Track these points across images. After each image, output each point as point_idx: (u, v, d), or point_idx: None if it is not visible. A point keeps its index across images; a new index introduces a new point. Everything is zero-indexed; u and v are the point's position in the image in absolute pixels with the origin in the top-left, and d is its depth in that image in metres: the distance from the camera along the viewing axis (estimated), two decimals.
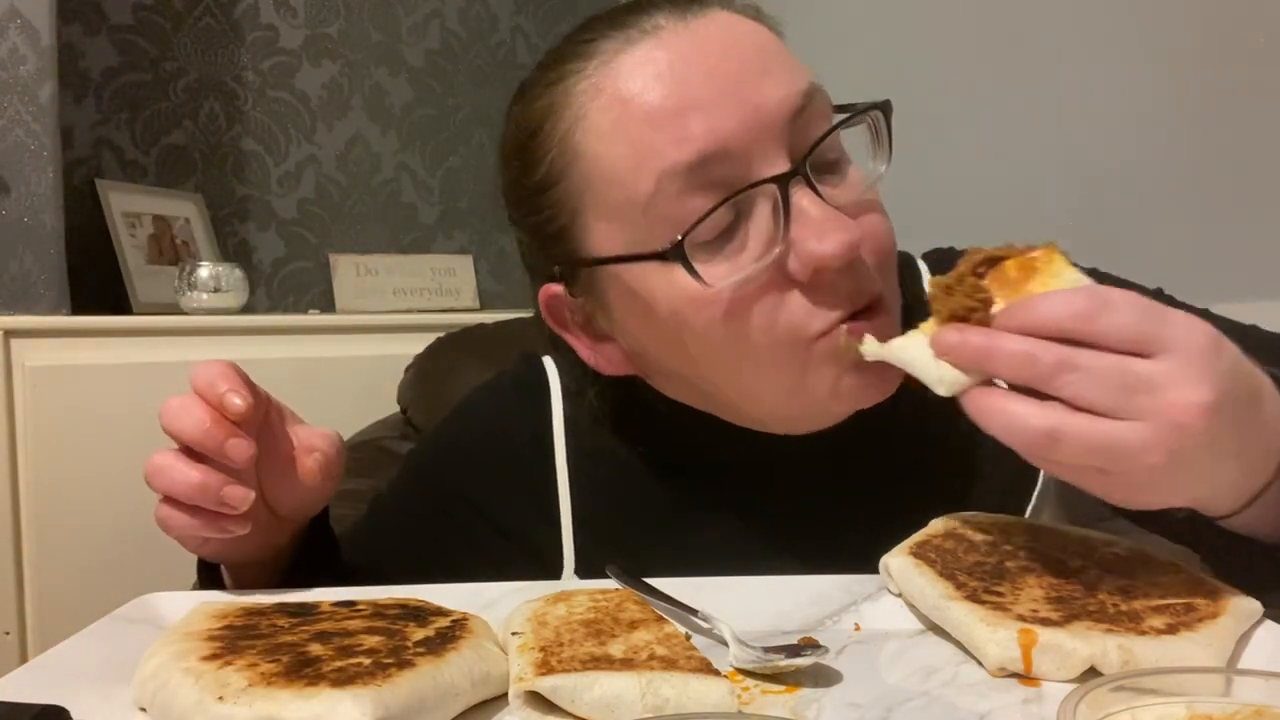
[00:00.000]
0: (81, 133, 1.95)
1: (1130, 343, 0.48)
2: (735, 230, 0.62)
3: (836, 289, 0.62)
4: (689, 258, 0.61)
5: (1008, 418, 0.49)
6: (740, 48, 0.63)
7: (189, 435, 0.63)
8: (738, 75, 0.62)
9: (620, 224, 0.64)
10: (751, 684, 0.52)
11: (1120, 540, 0.63)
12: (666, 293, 0.64)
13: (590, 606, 0.57)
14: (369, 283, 2.23)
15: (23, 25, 1.62)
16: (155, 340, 1.67)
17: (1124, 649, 0.50)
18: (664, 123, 0.61)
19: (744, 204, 0.62)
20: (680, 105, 0.61)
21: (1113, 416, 0.47)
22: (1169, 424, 0.47)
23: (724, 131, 0.60)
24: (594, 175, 0.64)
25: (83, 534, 1.58)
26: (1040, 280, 0.52)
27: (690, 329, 0.64)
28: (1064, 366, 0.47)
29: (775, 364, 0.64)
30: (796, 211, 0.61)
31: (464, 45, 2.43)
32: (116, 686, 0.50)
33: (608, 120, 0.63)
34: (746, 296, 0.62)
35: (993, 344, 0.49)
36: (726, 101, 0.61)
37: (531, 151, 0.68)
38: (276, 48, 2.18)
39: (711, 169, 0.61)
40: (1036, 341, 0.48)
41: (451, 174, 2.42)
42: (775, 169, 0.61)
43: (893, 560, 0.63)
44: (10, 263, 1.63)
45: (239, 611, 0.56)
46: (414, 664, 0.48)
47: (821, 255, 0.60)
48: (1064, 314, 0.48)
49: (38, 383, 1.55)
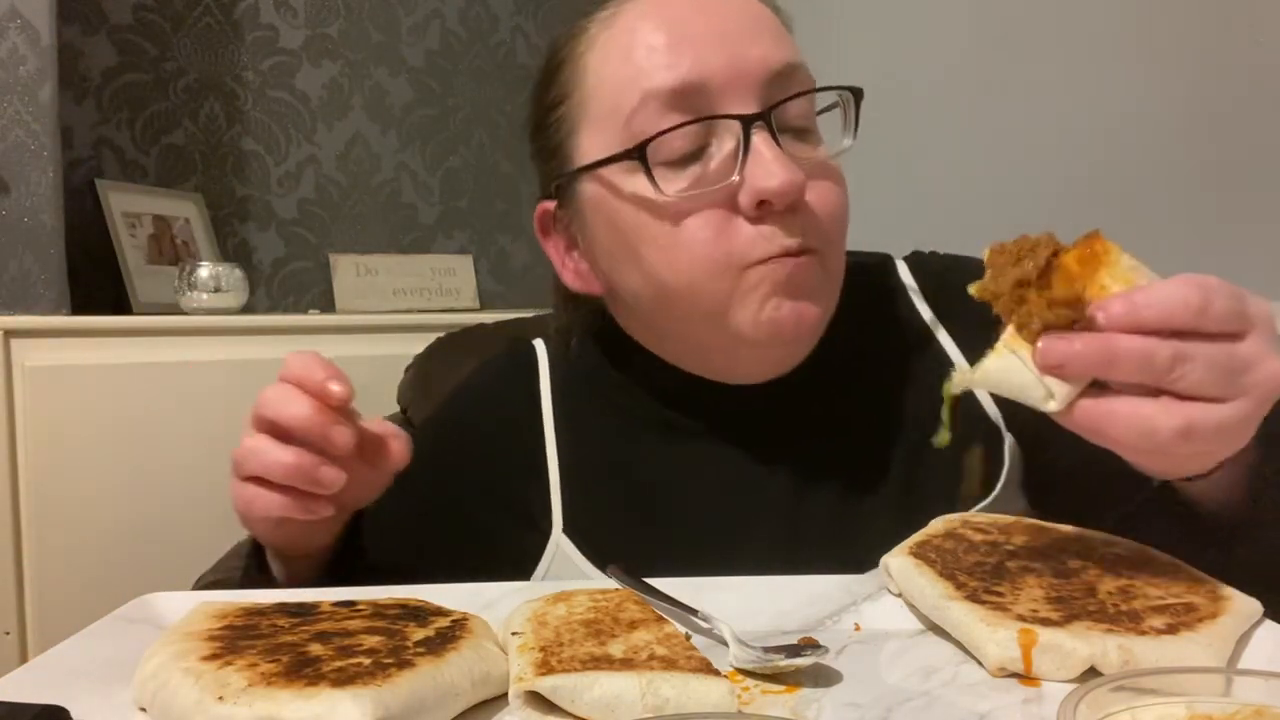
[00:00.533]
0: (81, 133, 1.95)
1: (1230, 327, 0.50)
2: (699, 156, 0.70)
3: (777, 229, 0.69)
4: (650, 163, 0.69)
5: (1138, 423, 0.50)
6: (740, 13, 0.72)
7: (294, 421, 0.64)
8: (732, 32, 0.71)
9: (605, 134, 0.72)
10: (751, 684, 0.52)
11: (1120, 540, 0.63)
12: (630, 199, 0.72)
13: (590, 606, 0.57)
14: (369, 283, 2.23)
15: (23, 25, 1.62)
16: (155, 340, 1.67)
17: (1124, 649, 0.50)
18: (658, 52, 0.70)
19: (711, 135, 0.70)
20: (675, 41, 0.70)
21: (1220, 399, 0.50)
22: (1264, 396, 0.51)
23: (707, 69, 0.69)
24: (593, 90, 0.73)
25: (83, 534, 1.58)
26: (1108, 272, 0.51)
27: (644, 236, 0.72)
28: (1179, 360, 0.49)
29: (709, 281, 0.70)
30: (754, 150, 0.68)
31: (464, 45, 2.43)
32: (116, 686, 0.50)
33: (614, 45, 0.73)
34: (695, 211, 0.70)
35: (1111, 348, 0.49)
36: (716, 47, 0.70)
37: (550, 74, 0.78)
38: (276, 48, 2.18)
39: (690, 97, 0.69)
40: (1150, 340, 0.49)
41: (451, 174, 2.42)
42: (745, 110, 0.69)
43: (893, 560, 0.63)
44: (10, 263, 1.63)
45: (239, 611, 0.56)
46: (414, 664, 0.48)
47: (764, 189, 0.67)
48: (1176, 309, 0.49)
49: (38, 383, 1.55)
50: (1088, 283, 0.51)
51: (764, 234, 0.69)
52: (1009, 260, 0.53)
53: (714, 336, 0.74)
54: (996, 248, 0.54)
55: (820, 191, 0.71)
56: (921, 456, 0.77)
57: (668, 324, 0.76)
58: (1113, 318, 0.50)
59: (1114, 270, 0.51)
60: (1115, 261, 0.52)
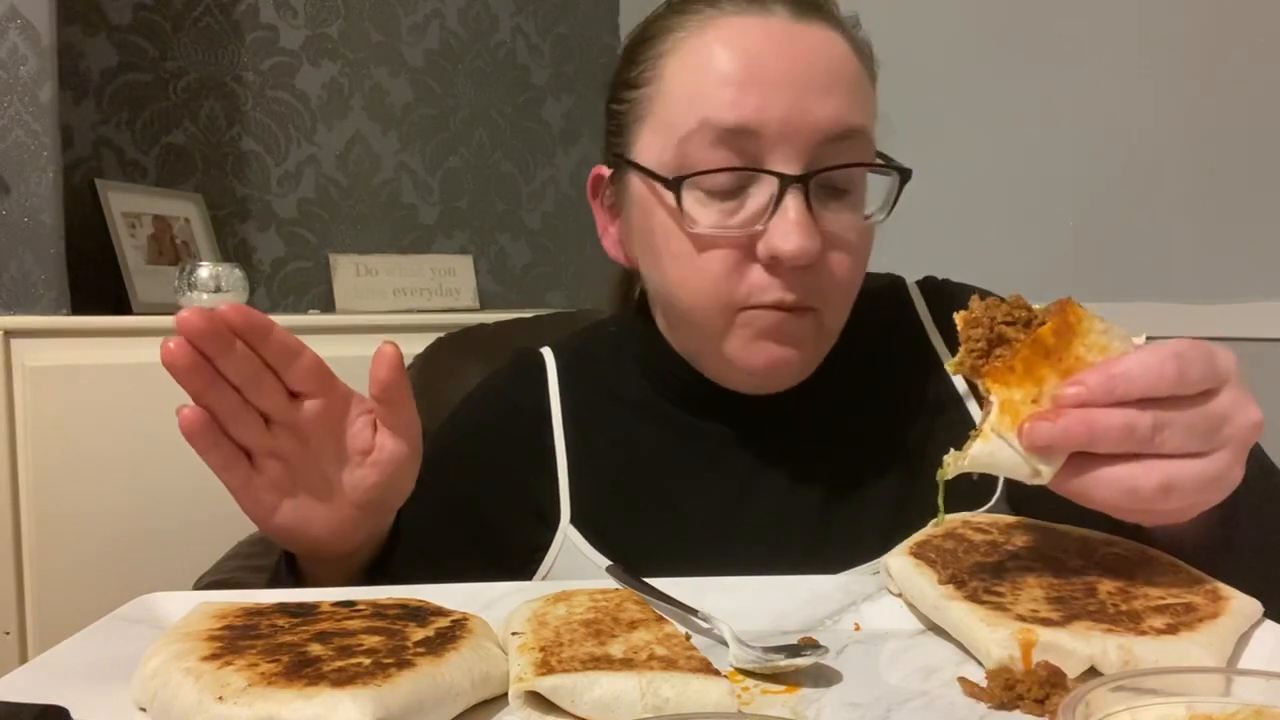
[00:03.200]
0: (81, 133, 1.95)
1: (1205, 386, 0.52)
2: (735, 196, 0.72)
3: (782, 283, 0.72)
4: (683, 192, 0.72)
5: (1120, 483, 0.52)
6: (821, 65, 0.72)
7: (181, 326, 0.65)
8: (806, 83, 0.71)
9: (660, 142, 0.75)
10: (751, 684, 0.52)
11: (1120, 540, 0.63)
12: (664, 212, 0.75)
13: (590, 606, 0.57)
14: (369, 283, 2.23)
15: (23, 25, 1.62)
16: (155, 340, 1.64)
17: (1124, 649, 0.50)
18: (729, 85, 0.71)
19: (752, 181, 0.72)
20: (747, 79, 0.71)
21: (1201, 454, 0.52)
22: (1242, 444, 0.53)
23: (766, 117, 0.70)
24: (663, 95, 0.75)
25: (83, 534, 1.58)
26: (1081, 341, 0.53)
27: (667, 248, 0.75)
28: (1159, 427, 0.51)
29: (710, 310, 0.74)
30: (782, 209, 0.70)
31: (464, 45, 2.43)
32: (116, 686, 0.50)
33: (691, 59, 0.74)
34: (714, 245, 0.73)
35: (1094, 425, 0.51)
36: (782, 96, 0.70)
37: (635, 53, 0.80)
38: (276, 48, 2.18)
39: (742, 139, 0.71)
40: (1131, 411, 0.51)
41: (451, 174, 2.42)
42: (786, 168, 0.71)
43: (893, 560, 0.63)
44: (10, 263, 1.63)
45: (239, 611, 0.56)
46: (414, 664, 0.48)
47: (778, 249, 0.70)
48: (1153, 382, 0.51)
49: (38, 383, 1.55)
50: (1063, 354, 0.53)
51: (769, 284, 0.72)
52: (984, 331, 0.54)
53: (709, 353, 0.78)
54: (969, 319, 0.55)
55: (837, 258, 0.74)
56: (918, 471, 0.79)
57: (675, 325, 0.81)
58: (1093, 392, 0.51)
59: (1086, 339, 0.53)
60: (1088, 330, 0.53)
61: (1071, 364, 0.53)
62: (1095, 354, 0.53)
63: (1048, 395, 0.52)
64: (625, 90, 0.80)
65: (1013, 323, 0.54)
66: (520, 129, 2.52)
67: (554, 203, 2.59)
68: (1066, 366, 0.53)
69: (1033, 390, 0.53)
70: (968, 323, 0.55)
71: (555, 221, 2.59)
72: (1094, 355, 0.53)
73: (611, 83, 0.83)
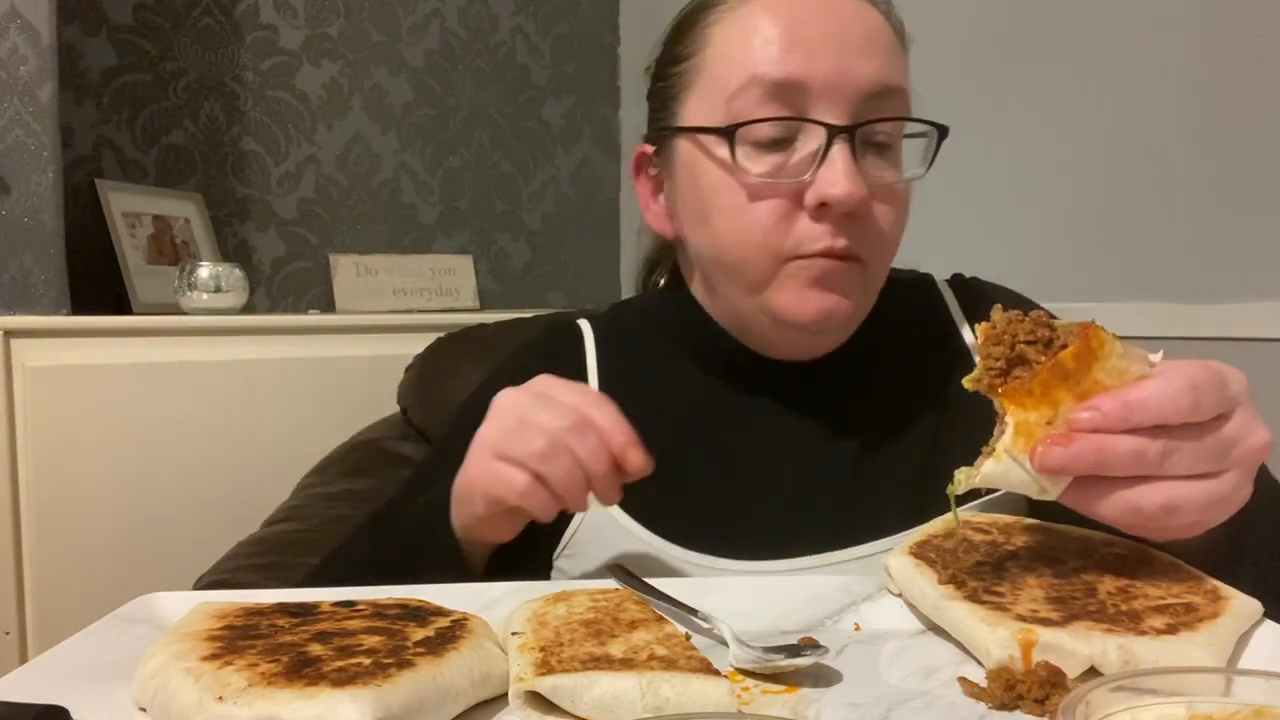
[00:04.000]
0: (81, 133, 1.95)
1: (1216, 412, 0.54)
2: (784, 147, 0.76)
3: (830, 230, 0.75)
4: (736, 142, 0.75)
5: (1124, 502, 0.53)
6: (860, 29, 0.77)
7: (592, 467, 0.66)
8: (845, 43, 0.75)
9: (708, 104, 0.78)
10: (751, 684, 0.52)
11: (1120, 540, 0.63)
12: (714, 168, 0.78)
13: (590, 606, 0.57)
14: (369, 283, 2.23)
15: (23, 25, 1.62)
16: (155, 340, 1.67)
17: (1124, 649, 0.50)
18: (773, 45, 0.75)
19: (800, 132, 0.75)
20: (790, 40, 0.75)
21: (1209, 476, 0.53)
22: (1251, 466, 0.55)
23: (812, 72, 0.74)
24: (709, 61, 0.79)
25: (83, 534, 1.58)
26: (1100, 366, 0.53)
27: (718, 203, 0.78)
28: (1168, 452, 0.52)
29: (757, 260, 0.77)
30: (830, 158, 0.74)
31: (464, 45, 2.43)
32: (116, 686, 0.50)
33: (736, 27, 0.78)
34: (766, 196, 0.76)
35: (1105, 451, 0.52)
36: (826, 54, 0.74)
37: (679, 31, 0.84)
38: (276, 48, 2.18)
39: (789, 93, 0.74)
40: (1142, 439, 0.52)
41: (451, 174, 2.42)
42: (832, 120, 0.74)
43: (893, 560, 0.63)
44: (10, 263, 1.63)
45: (239, 611, 0.56)
46: (414, 664, 0.48)
47: (826, 194, 0.73)
48: (1167, 411, 0.52)
49: (38, 383, 1.55)
50: (1081, 378, 0.53)
51: (817, 232, 0.75)
52: (1004, 350, 0.55)
53: (753, 310, 0.80)
54: (989, 335, 0.56)
55: (881, 209, 0.77)
56: (942, 450, 0.82)
57: (720, 286, 0.82)
58: (1108, 418, 0.52)
59: (1105, 364, 0.53)
60: (1109, 354, 0.53)
61: (1089, 387, 0.53)
62: (1113, 378, 0.53)
63: (1062, 418, 0.53)
64: (670, 67, 0.83)
65: (1033, 342, 0.54)
66: (520, 129, 2.52)
67: (554, 203, 2.58)
68: (1084, 390, 0.53)
69: (1048, 413, 0.53)
70: (988, 339, 0.55)
71: (555, 221, 2.59)
72: (1111, 379, 0.53)
73: (653, 68, 0.87)
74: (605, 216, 2.66)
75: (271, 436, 1.72)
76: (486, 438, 0.68)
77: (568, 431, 0.65)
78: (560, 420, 0.66)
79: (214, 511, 1.64)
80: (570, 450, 0.65)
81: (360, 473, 1.39)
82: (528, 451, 0.65)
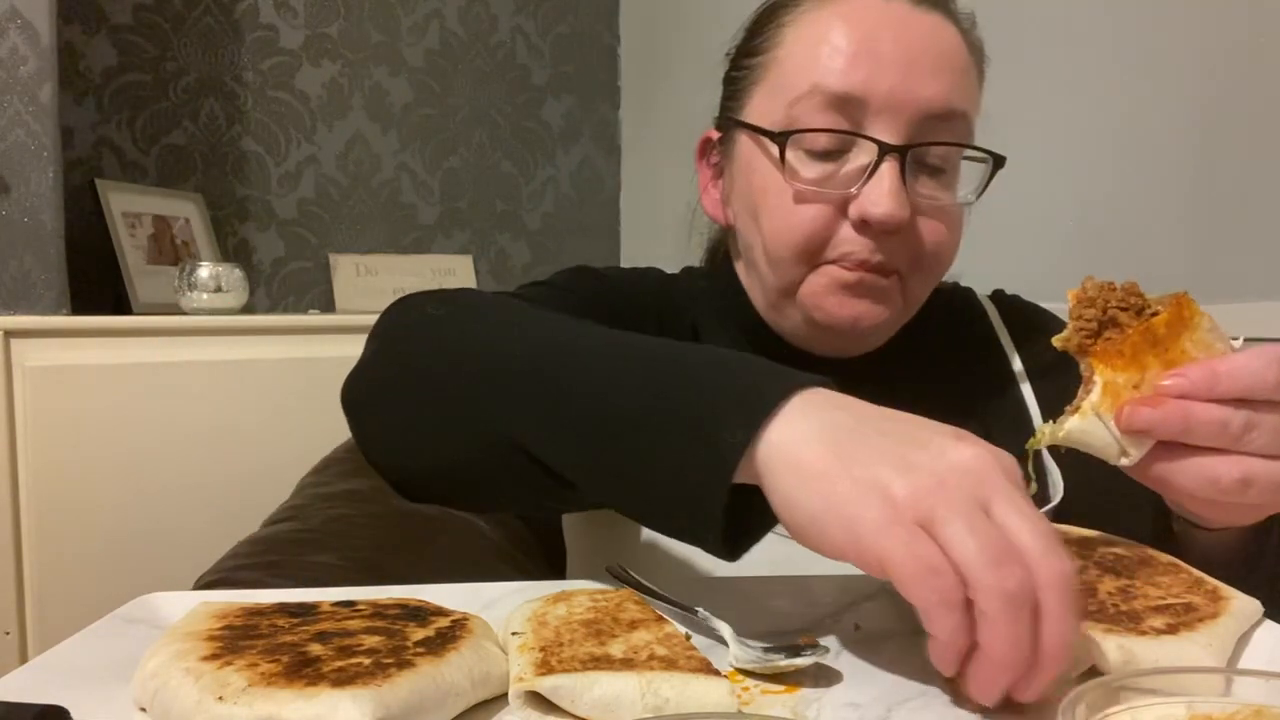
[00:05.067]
0: (81, 133, 1.95)
1: None
2: (835, 158, 0.76)
3: (870, 244, 0.75)
4: (787, 148, 0.76)
5: (1203, 471, 0.54)
6: (933, 48, 0.76)
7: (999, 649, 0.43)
8: (915, 61, 0.75)
9: (772, 104, 0.79)
10: (751, 684, 0.52)
11: (1120, 540, 0.63)
12: (766, 167, 0.79)
13: (590, 606, 0.57)
14: (369, 283, 2.23)
15: (23, 25, 1.62)
16: (155, 340, 1.67)
17: (1124, 649, 0.50)
18: (842, 55, 0.75)
19: (854, 145, 0.76)
20: (857, 53, 0.75)
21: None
22: None
23: (874, 88, 0.74)
24: (779, 60, 0.80)
25: (83, 534, 1.58)
26: (1189, 336, 0.55)
27: (767, 203, 0.78)
28: (1250, 426, 0.53)
29: (793, 261, 0.78)
30: (877, 175, 0.74)
31: (464, 45, 2.43)
32: (116, 686, 0.50)
33: (809, 30, 0.78)
34: (810, 199, 0.76)
35: (1191, 416, 0.53)
36: (891, 71, 0.74)
37: (758, 24, 0.84)
38: (276, 48, 2.18)
39: (849, 106, 0.75)
40: (1227, 409, 0.53)
41: (451, 174, 2.42)
42: (886, 138, 0.74)
43: None
44: (10, 263, 1.63)
45: (239, 611, 0.56)
46: (414, 664, 0.48)
47: (867, 212, 0.74)
48: (1254, 384, 0.53)
49: (38, 383, 1.55)
50: (1170, 346, 0.55)
51: (857, 244, 0.76)
52: (1097, 313, 0.56)
53: (789, 306, 0.81)
54: (1082, 297, 0.57)
55: (928, 226, 0.77)
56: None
57: (762, 278, 0.83)
58: (1195, 385, 0.53)
59: (1194, 335, 0.55)
60: (1198, 326, 0.55)
61: (1176, 356, 0.55)
62: (1200, 350, 0.55)
63: (1149, 383, 0.55)
64: (745, 58, 0.84)
65: (1125, 309, 0.56)
66: (520, 129, 2.52)
67: (554, 203, 2.59)
68: (1171, 358, 0.55)
69: (1135, 376, 0.55)
70: (1080, 301, 0.57)
71: (555, 221, 2.59)
72: (1198, 351, 0.55)
73: (732, 55, 0.87)
74: (605, 216, 2.66)
75: (271, 436, 1.72)
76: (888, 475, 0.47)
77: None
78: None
79: (214, 511, 1.64)
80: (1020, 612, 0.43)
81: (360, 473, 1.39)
82: (969, 557, 0.43)
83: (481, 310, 0.67)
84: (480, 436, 0.62)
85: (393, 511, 1.20)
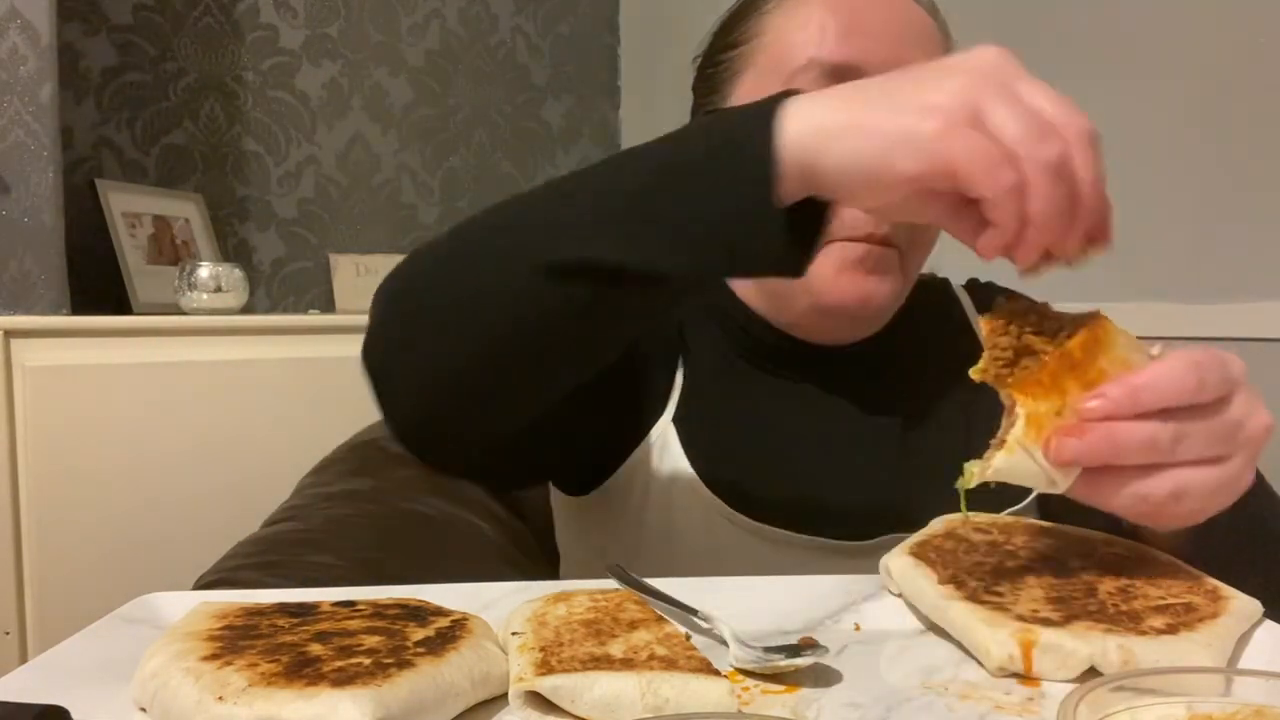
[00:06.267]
0: (81, 133, 1.95)
1: (1220, 393, 0.53)
2: None
3: (874, 219, 0.77)
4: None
5: (1134, 491, 0.53)
6: (915, 23, 0.81)
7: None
8: (901, 34, 0.79)
9: (764, 85, 0.79)
10: (751, 684, 0.52)
11: (1120, 540, 0.63)
12: None
13: (590, 606, 0.57)
14: (369, 283, 2.22)
15: (23, 25, 1.62)
16: (155, 340, 1.67)
17: (1124, 649, 0.50)
18: (833, 30, 0.78)
19: None
20: (849, 27, 0.78)
21: (1217, 461, 0.53)
22: (1256, 449, 0.54)
23: (871, 58, 0.76)
24: (765, 45, 0.82)
25: (83, 534, 1.58)
26: (1105, 355, 0.53)
27: None
28: (1179, 437, 0.52)
29: None
30: None
31: (464, 45, 2.43)
32: (116, 686, 0.50)
33: (799, 13, 0.81)
34: None
35: (1117, 440, 0.52)
36: (883, 43, 0.78)
37: (735, 20, 0.86)
38: (276, 48, 2.18)
39: (846, 77, 0.72)
40: (1153, 425, 0.52)
41: (451, 174, 2.42)
42: None
43: (893, 560, 0.63)
44: (10, 263, 1.63)
45: (239, 611, 0.56)
46: (414, 664, 0.48)
47: None
48: (1173, 393, 0.52)
49: (38, 383, 1.55)
50: (1088, 368, 0.53)
51: (860, 219, 0.77)
52: (1011, 340, 0.55)
53: (795, 291, 0.81)
54: (995, 327, 0.56)
55: None
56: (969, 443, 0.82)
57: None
58: (1118, 404, 0.52)
59: (1110, 354, 0.53)
60: (1113, 344, 0.54)
61: (1094, 376, 0.53)
62: (1117, 368, 0.53)
63: (1070, 408, 0.53)
64: (722, 52, 0.85)
65: (1039, 333, 0.54)
66: (520, 129, 2.52)
67: None
68: (1089, 379, 0.53)
69: (1057, 402, 0.53)
70: (993, 330, 0.56)
71: None
72: (1116, 369, 0.53)
73: (703, 55, 0.89)
74: None
75: (271, 436, 1.72)
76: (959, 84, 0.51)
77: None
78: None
79: (214, 511, 1.64)
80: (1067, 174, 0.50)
81: (360, 473, 1.39)
82: (1019, 137, 0.49)
83: (468, 220, 0.66)
84: (516, 279, 0.59)
85: (393, 511, 1.20)
